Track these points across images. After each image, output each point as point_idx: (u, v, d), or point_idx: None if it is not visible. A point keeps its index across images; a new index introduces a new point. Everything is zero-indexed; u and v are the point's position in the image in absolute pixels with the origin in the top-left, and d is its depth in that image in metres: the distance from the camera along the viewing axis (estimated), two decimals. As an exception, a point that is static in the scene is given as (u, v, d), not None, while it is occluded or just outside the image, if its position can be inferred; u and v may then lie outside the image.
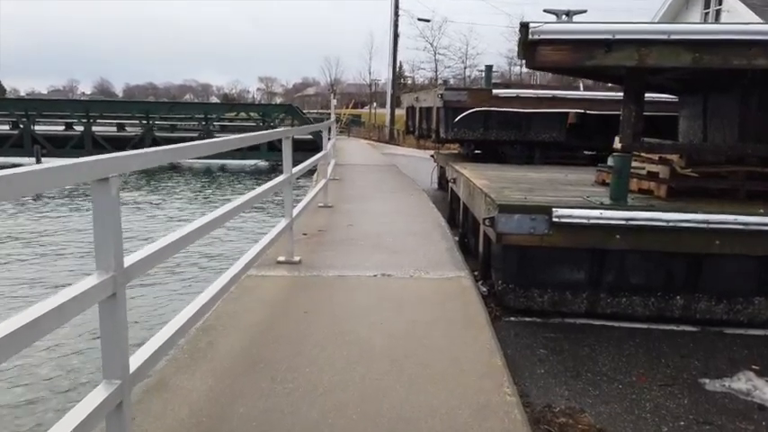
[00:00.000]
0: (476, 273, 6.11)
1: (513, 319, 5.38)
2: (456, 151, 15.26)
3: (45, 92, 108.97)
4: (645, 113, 8.94)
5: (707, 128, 6.87)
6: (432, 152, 16.42)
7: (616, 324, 5.32)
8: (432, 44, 61.84)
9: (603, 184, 7.01)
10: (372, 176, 13.34)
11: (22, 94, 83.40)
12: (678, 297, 5.25)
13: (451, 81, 51.33)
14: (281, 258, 5.49)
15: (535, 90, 11.89)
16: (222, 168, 29.65)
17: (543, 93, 11.38)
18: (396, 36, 41.70)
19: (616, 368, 4.36)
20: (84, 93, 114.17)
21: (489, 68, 12.84)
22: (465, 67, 62.85)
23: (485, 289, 5.77)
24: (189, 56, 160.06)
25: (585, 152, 12.75)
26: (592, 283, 5.27)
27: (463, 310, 4.28)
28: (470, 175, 7.72)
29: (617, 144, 7.26)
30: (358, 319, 4.09)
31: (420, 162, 20.71)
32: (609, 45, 4.81)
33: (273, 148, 22.75)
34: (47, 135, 28.69)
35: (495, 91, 11.22)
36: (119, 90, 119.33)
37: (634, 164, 6.14)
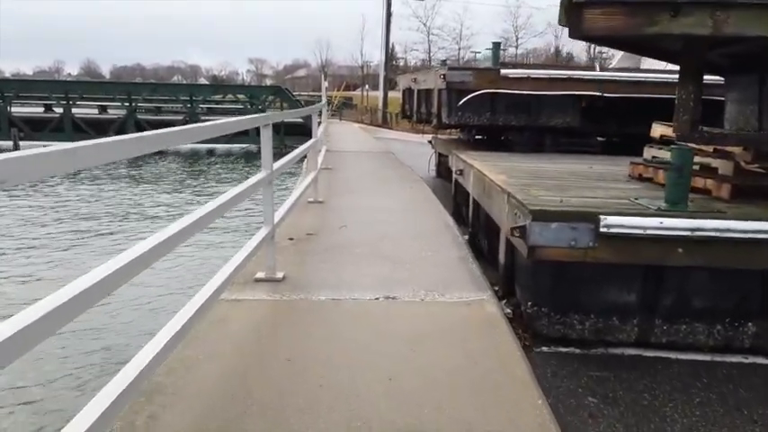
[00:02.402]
0: (496, 287, 5.11)
1: (545, 349, 4.38)
2: (456, 136, 14.22)
3: (31, 73, 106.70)
4: (671, 97, 7.80)
5: (763, 114, 5.85)
6: (429, 137, 15.36)
7: (672, 356, 4.34)
8: (425, 24, 60.67)
9: (641, 179, 6.01)
10: (367, 165, 12.29)
11: (7, 75, 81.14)
12: (750, 324, 4.27)
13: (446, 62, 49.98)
14: (261, 275, 4.46)
15: (547, 70, 10.82)
16: (210, 153, 28.46)
17: (557, 73, 10.32)
18: (389, 15, 40.37)
19: (692, 427, 3.38)
20: (70, 74, 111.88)
21: (497, 46, 11.71)
22: (459, 48, 61.70)
23: (508, 310, 4.76)
24: (178, 37, 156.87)
25: (598, 138, 11.81)
26: (645, 307, 4.28)
27: (495, 355, 3.27)
28: (483, 168, 6.69)
29: (655, 132, 6.25)
30: (357, 369, 3.07)
31: (416, 147, 19.68)
32: (676, 8, 3.77)
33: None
34: (25, 117, 27.42)
35: (503, 71, 10.14)
36: (106, 71, 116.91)
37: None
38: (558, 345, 4.44)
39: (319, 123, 10.67)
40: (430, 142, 15.31)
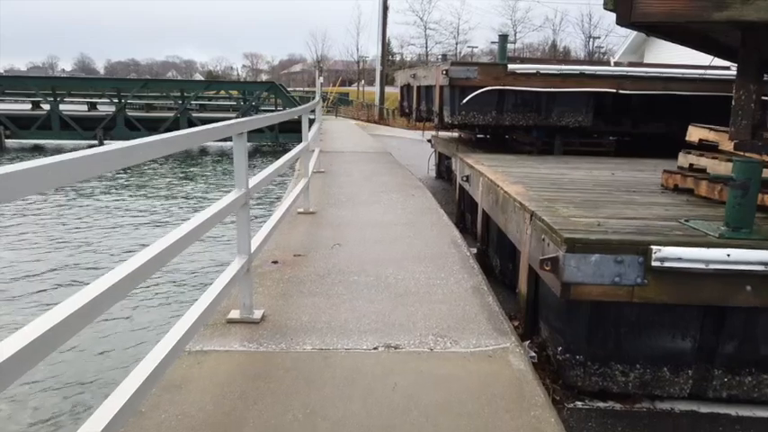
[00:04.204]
0: (515, 322, 4.35)
1: (579, 405, 3.63)
2: (457, 135, 13.45)
3: (24, 69, 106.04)
4: (708, 94, 7.10)
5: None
6: (429, 135, 14.60)
7: (732, 412, 3.60)
8: (422, 18, 59.85)
9: (677, 189, 5.25)
10: (364, 167, 11.49)
11: (1, 71, 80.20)
12: (830, 375, 3.52)
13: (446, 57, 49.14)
14: (235, 314, 3.69)
15: (559, 65, 10.04)
16: (203, 152, 27.59)
17: (569, 69, 9.54)
18: (385, 9, 39.47)
19: None
20: (63, 69, 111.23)
21: (504, 38, 10.89)
22: (456, 43, 60.90)
23: (532, 353, 3.99)
24: (173, 32, 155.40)
25: (610, 138, 11.08)
26: (702, 356, 3.52)
27: (532, 441, 2.50)
28: (495, 177, 5.92)
29: (692, 135, 5.49)
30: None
31: (414, 145, 18.99)
32: (751, -12, 2.99)
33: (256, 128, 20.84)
34: (11, 115, 26.56)
35: (510, 66, 9.36)
36: (100, 67, 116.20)
37: (723, 165, 4.40)
38: (595, 398, 3.69)
39: (314, 121, 9.90)
40: (429, 141, 14.56)
